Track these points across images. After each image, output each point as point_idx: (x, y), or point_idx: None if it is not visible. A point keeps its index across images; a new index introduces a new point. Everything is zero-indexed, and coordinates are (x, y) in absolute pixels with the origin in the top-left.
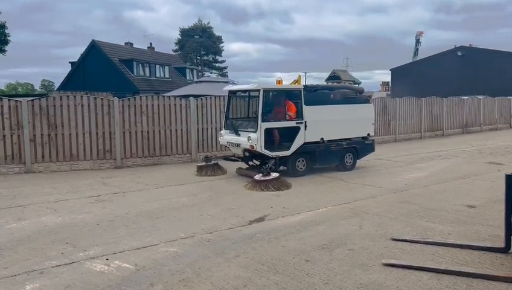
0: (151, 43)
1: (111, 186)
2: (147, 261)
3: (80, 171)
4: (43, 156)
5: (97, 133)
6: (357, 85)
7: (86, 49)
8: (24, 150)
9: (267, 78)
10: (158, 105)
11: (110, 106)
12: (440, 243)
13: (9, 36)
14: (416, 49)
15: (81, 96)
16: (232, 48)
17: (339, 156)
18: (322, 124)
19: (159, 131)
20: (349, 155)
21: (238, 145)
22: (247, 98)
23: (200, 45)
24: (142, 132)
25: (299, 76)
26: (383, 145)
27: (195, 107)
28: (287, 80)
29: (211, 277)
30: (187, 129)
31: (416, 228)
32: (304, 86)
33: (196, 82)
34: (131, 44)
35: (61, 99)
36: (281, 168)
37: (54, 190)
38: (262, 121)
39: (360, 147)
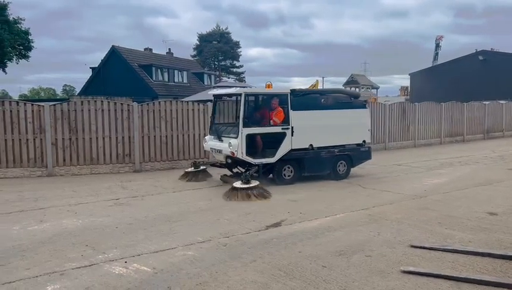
0: (170, 49)
1: (130, 190)
2: (165, 264)
3: (99, 175)
4: (64, 160)
5: (117, 137)
6: (352, 89)
7: (106, 55)
8: (46, 153)
9: (284, 83)
10: (176, 110)
11: (130, 110)
12: (460, 250)
13: (33, 42)
14: (436, 54)
15: (102, 101)
16: (250, 53)
17: (330, 163)
18: (311, 129)
19: (177, 135)
20: (342, 163)
21: (220, 151)
22: (235, 103)
23: (217, 50)
24: (160, 136)
25: (317, 80)
26: (401, 150)
27: None
28: (305, 84)
29: (228, 281)
30: (204, 134)
31: (436, 235)
32: (291, 90)
33: (214, 87)
34: (151, 50)
35: (82, 104)
36: (271, 175)
37: (74, 193)
38: (244, 126)
39: (355, 154)
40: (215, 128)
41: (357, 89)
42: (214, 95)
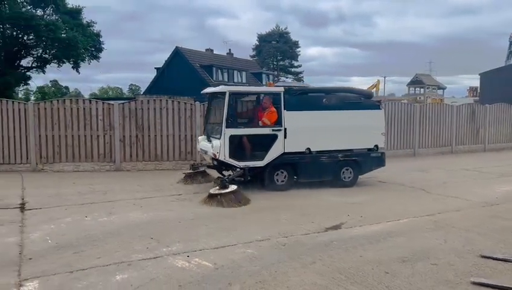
0: (230, 49)
1: (192, 186)
2: (225, 260)
3: (163, 171)
4: (130, 156)
5: (179, 135)
6: (362, 88)
7: (170, 56)
8: (114, 149)
9: (343, 82)
10: None
11: (192, 109)
12: None
13: (103, 44)
14: (510, 52)
15: (166, 100)
16: (309, 53)
17: (332, 169)
18: (308, 132)
19: None
20: (348, 169)
21: (206, 152)
22: (245, 101)
23: (276, 50)
24: None
25: (378, 80)
26: (469, 154)
27: None
28: (365, 84)
29: (287, 281)
30: None
31: (509, 246)
32: (286, 88)
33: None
34: (212, 50)
35: (148, 102)
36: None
37: (140, 188)
38: (227, 127)
39: (364, 160)
40: (207, 128)
41: (422, 90)
42: (207, 94)
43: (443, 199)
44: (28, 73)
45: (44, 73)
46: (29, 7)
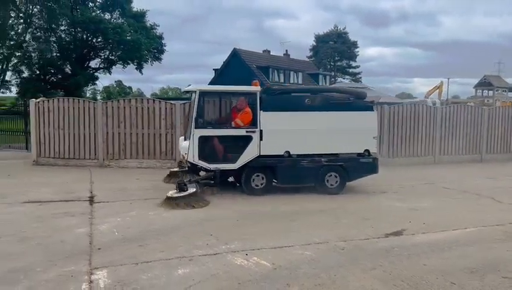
0: (286, 50)
1: None
2: (283, 261)
3: None
4: None
5: None
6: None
7: (228, 57)
8: (176, 148)
9: (404, 84)
10: None
11: None
12: None
13: (165, 46)
14: None
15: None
16: (368, 53)
17: (315, 175)
18: (287, 134)
19: None
20: (334, 175)
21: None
22: (218, 100)
23: (334, 51)
24: None
25: (441, 82)
26: None
27: None
28: (427, 85)
29: (347, 285)
30: None
31: None
32: (264, 88)
33: None
34: (269, 51)
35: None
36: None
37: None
38: (196, 128)
39: (352, 165)
40: (186, 128)
41: (491, 92)
42: (188, 92)
43: None
44: (95, 73)
45: (110, 74)
46: (98, 11)
